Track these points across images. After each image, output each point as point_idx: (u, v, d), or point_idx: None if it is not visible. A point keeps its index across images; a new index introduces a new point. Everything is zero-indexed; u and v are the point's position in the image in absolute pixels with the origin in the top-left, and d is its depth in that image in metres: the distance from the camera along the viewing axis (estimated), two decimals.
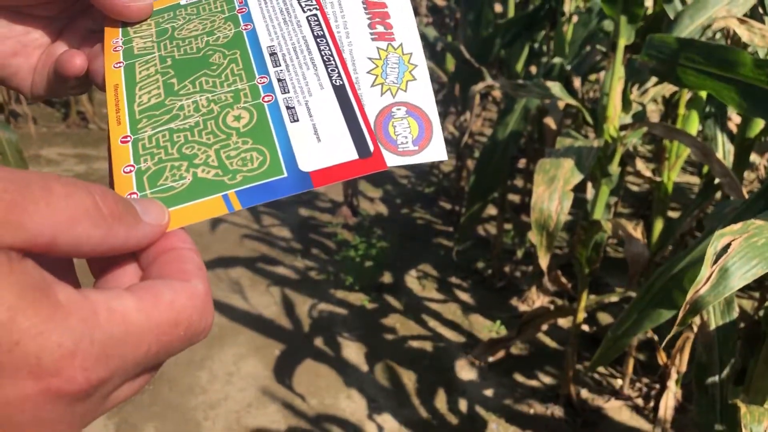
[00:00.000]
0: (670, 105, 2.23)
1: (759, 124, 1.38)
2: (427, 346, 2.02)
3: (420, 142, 0.30)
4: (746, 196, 1.10)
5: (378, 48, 0.32)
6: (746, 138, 1.41)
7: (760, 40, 0.97)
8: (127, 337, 0.21)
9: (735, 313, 1.09)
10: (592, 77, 2.70)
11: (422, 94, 0.31)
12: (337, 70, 0.30)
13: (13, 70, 0.35)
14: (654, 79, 1.57)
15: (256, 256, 2.50)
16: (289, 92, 0.30)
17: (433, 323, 2.14)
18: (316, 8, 0.32)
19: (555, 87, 1.47)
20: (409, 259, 2.53)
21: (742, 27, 0.92)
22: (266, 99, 0.29)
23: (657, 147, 3.18)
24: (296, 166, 0.27)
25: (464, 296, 2.31)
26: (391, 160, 0.29)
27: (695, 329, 1.24)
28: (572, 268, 2.20)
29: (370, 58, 0.32)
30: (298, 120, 0.29)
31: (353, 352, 1.97)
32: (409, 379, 1.86)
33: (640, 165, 1.59)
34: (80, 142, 3.54)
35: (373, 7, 0.34)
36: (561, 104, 1.87)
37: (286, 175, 0.27)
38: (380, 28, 0.33)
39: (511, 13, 2.24)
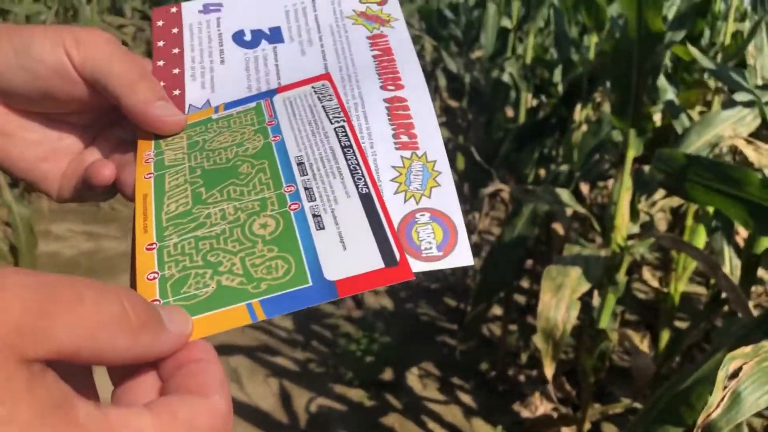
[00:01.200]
0: (678, 215, 2.25)
1: (766, 241, 1.39)
2: None
3: (444, 248, 0.30)
4: (753, 312, 1.09)
5: (402, 156, 0.33)
6: (753, 254, 1.42)
7: (766, 160, 0.99)
8: None
9: None
10: (601, 183, 2.73)
11: (446, 199, 0.31)
12: (363, 179, 0.30)
13: (43, 174, 0.36)
14: (662, 191, 1.59)
15: (256, 345, 2.47)
16: (315, 200, 0.30)
17: (432, 425, 2.08)
18: (343, 120, 0.33)
19: (564, 194, 1.49)
20: (411, 356, 2.48)
21: (749, 148, 0.95)
22: (293, 207, 0.29)
23: (665, 255, 3.19)
24: (321, 274, 0.27)
25: (466, 398, 2.26)
26: (415, 266, 0.29)
27: None
28: (577, 374, 2.16)
29: (393, 167, 0.33)
30: (324, 228, 0.28)
31: None
32: None
33: (648, 275, 1.59)
34: (90, 220, 3.58)
35: (397, 118, 0.34)
36: (569, 210, 1.89)
37: (311, 283, 0.27)
38: (404, 138, 0.34)
39: (522, 118, 2.30)
